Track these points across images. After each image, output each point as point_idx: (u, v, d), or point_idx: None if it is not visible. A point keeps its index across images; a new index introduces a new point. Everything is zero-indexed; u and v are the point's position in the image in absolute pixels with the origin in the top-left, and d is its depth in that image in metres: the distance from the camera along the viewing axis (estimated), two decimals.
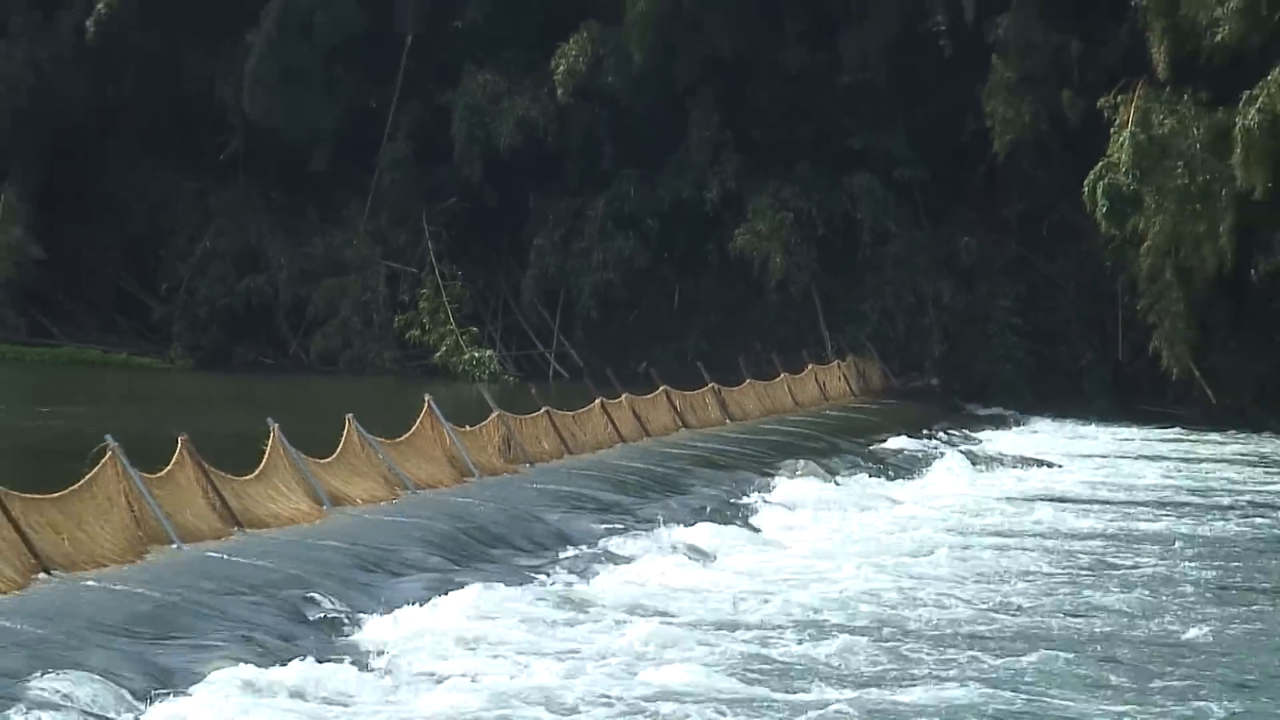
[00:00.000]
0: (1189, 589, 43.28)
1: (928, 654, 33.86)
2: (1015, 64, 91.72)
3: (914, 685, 31.14)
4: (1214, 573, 46.10)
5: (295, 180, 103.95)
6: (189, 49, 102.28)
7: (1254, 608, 41.12)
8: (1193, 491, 63.79)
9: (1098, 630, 37.60)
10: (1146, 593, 42.57)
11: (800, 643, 34.42)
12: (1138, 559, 47.95)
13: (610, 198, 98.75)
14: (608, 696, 29.77)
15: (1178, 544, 50.83)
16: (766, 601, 39.23)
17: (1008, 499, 60.06)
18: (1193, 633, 37.03)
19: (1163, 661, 34.11)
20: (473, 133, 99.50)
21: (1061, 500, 59.89)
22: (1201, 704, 30.55)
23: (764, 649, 33.83)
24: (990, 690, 30.63)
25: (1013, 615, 38.96)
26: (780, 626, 36.32)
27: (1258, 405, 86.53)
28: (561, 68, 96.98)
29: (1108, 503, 59.87)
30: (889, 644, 34.84)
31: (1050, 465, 69.67)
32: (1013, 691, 30.94)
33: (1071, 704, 30.25)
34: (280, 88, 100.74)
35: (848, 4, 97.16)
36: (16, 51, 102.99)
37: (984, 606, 39.82)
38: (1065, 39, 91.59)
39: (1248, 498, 62.89)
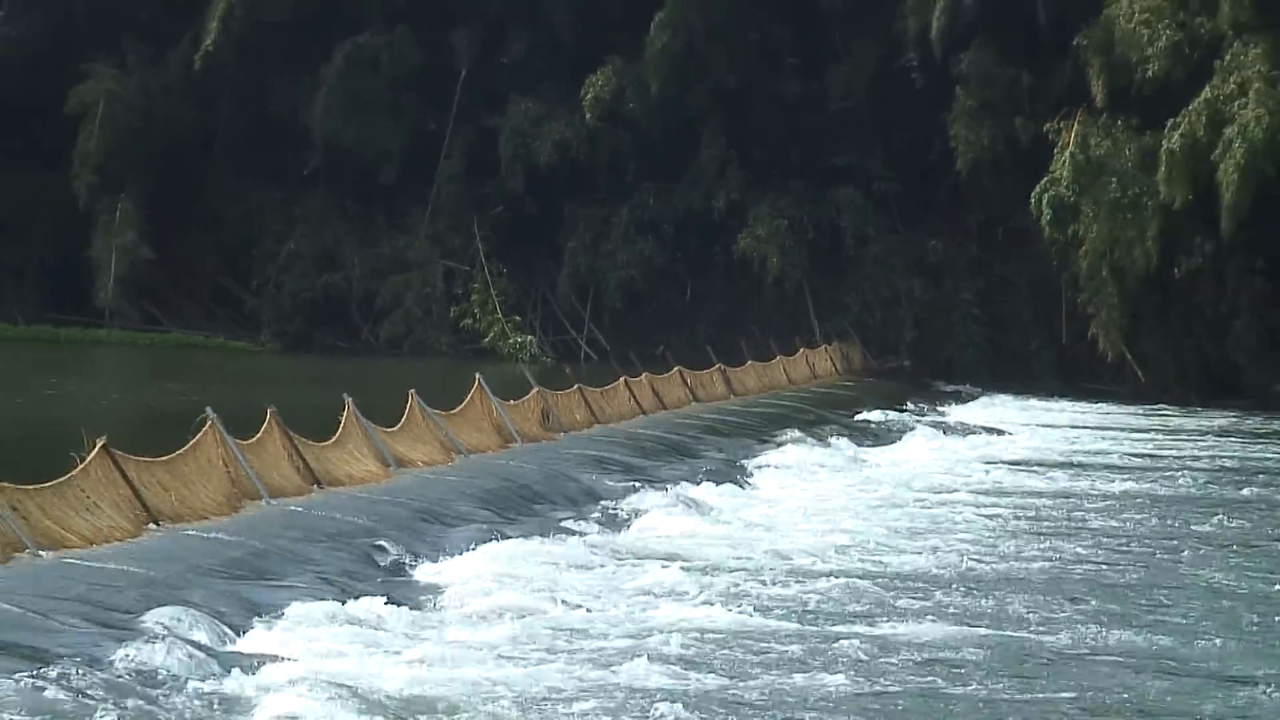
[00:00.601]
0: (1124, 537, 44.71)
1: (903, 592, 34.89)
2: (975, 95, 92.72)
3: (893, 619, 32.09)
4: (1153, 522, 47.42)
5: (366, 192, 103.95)
6: (276, 81, 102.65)
7: (1181, 553, 42.00)
8: (1126, 455, 65.09)
9: (1048, 570, 38.79)
10: (1087, 538, 44.03)
11: (792, 583, 35.38)
12: (1076, 512, 48.98)
13: (632, 207, 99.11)
14: (629, 627, 30.63)
15: (1110, 499, 51.98)
16: (762, 547, 40.22)
17: (968, 462, 61.21)
18: (1132, 576, 38.22)
19: (1104, 597, 35.19)
20: (516, 152, 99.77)
21: (1013, 463, 61.05)
22: (1134, 630, 31.71)
23: (762, 587, 34.74)
24: (955, 627, 31.40)
25: (974, 560, 39.83)
26: (774, 569, 37.09)
27: (1180, 384, 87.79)
28: (590, 96, 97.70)
29: (1053, 465, 60.81)
30: (869, 583, 35.85)
31: (1003, 433, 70.67)
32: (972, 626, 31.77)
33: (1026, 633, 31.27)
34: (352, 114, 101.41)
35: (834, 43, 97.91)
36: (132, 82, 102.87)
37: (948, 552, 40.71)
38: (1018, 73, 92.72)
39: (1174, 461, 63.86)
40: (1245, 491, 55.47)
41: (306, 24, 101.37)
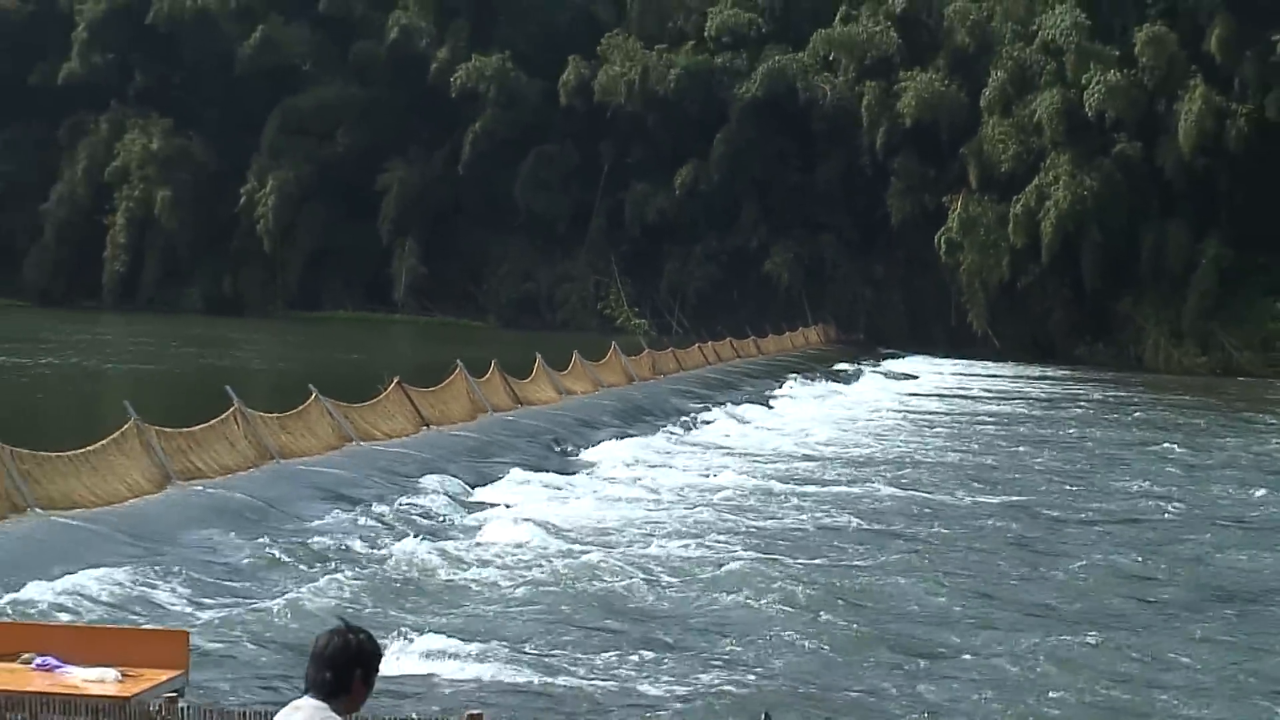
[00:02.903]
0: (986, 437, 46.57)
1: (866, 469, 36.60)
2: (903, 181, 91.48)
3: (862, 484, 33.85)
4: (1004, 428, 49.26)
5: (549, 236, 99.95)
6: (497, 170, 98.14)
7: (1020, 446, 43.87)
8: (988, 389, 65.69)
9: (941, 456, 40.64)
10: (965, 437, 46.05)
11: (793, 461, 37.70)
12: (958, 423, 50.52)
13: (703, 245, 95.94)
14: (698, 486, 32.35)
15: (978, 415, 53.92)
16: (777, 442, 42.33)
17: (896, 393, 62.16)
18: (990, 460, 39.98)
19: (975, 473, 36.86)
20: (635, 213, 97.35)
21: (922, 394, 62.13)
22: (994, 492, 33.48)
23: (780, 466, 36.62)
24: (888, 488, 33.11)
25: (897, 449, 41.79)
26: (788, 454, 39.33)
27: (1020, 350, 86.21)
28: (679, 180, 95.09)
29: (945, 395, 61.96)
30: (838, 462, 38.24)
31: (916, 377, 70.92)
32: (908, 488, 33.54)
33: (927, 494, 32.88)
34: (540, 190, 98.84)
35: (820, 151, 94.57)
36: (414, 171, 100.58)
37: (892, 445, 42.86)
38: (928, 169, 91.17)
39: (1016, 393, 65.30)
40: (1055, 411, 57.10)
41: (517, 138, 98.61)
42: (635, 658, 17.85)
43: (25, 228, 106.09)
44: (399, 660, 17.03)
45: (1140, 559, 26.07)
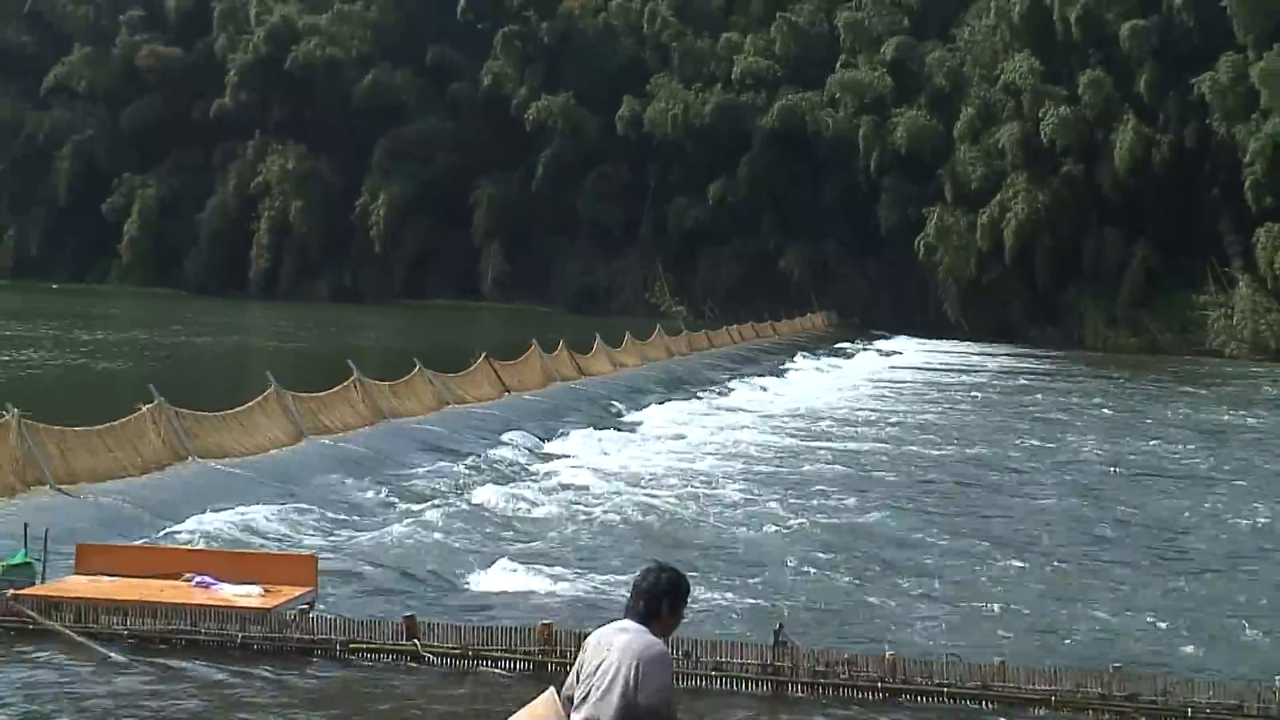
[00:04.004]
0: (955, 400, 46.00)
1: (866, 430, 35.86)
2: (892, 195, 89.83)
3: (855, 440, 33.42)
4: (970, 393, 48.80)
5: (606, 239, 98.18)
6: (569, 185, 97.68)
7: (987, 407, 43.86)
8: (959, 364, 64.61)
9: (920, 417, 39.97)
10: (939, 401, 45.45)
11: (801, 421, 37.18)
12: (933, 389, 50.03)
13: (730, 248, 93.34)
14: (725, 441, 31.96)
15: (951, 383, 53.21)
16: (786, 404, 42.01)
17: (886, 367, 61.08)
18: (958, 419, 39.71)
19: (947, 429, 36.45)
20: (677, 222, 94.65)
21: (906, 368, 60.86)
22: (963, 447, 33.07)
23: (801, 426, 36.01)
24: (875, 444, 32.76)
25: (886, 412, 41.04)
26: (803, 416, 38.71)
27: (986, 333, 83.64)
28: (711, 194, 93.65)
29: (924, 369, 60.64)
30: (845, 422, 37.60)
31: (901, 354, 69.63)
32: (892, 443, 33.23)
33: (934, 450, 32.36)
34: (597, 204, 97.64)
35: (823, 171, 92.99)
36: (500, 189, 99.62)
37: (875, 408, 42.12)
38: (911, 186, 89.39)
39: (981, 366, 64.53)
40: (1011, 381, 56.15)
41: (580, 161, 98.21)
42: None
43: (186, 233, 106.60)
44: (485, 579, 17.02)
45: (1076, 500, 25.89)
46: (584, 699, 6.98)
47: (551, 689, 7.21)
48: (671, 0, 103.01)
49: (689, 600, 7.21)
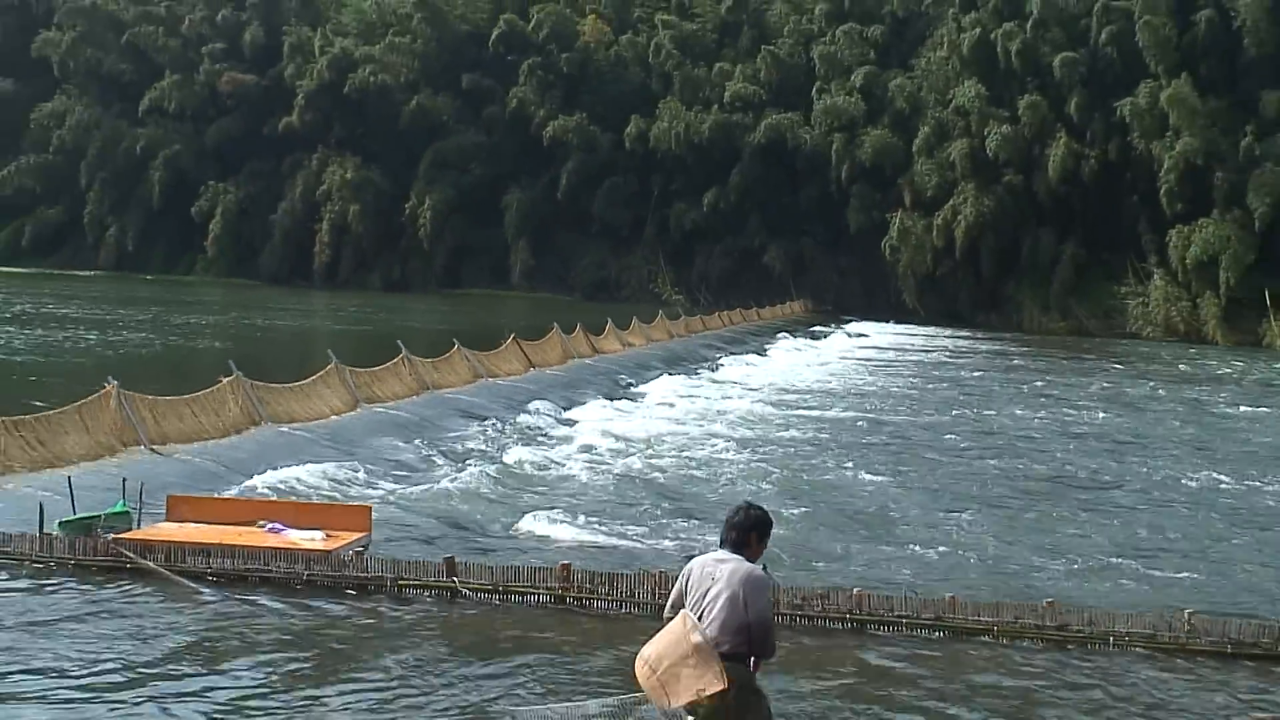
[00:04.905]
0: (915, 375, 45.19)
1: (837, 399, 35.42)
2: (860, 201, 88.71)
3: (830, 407, 33.10)
4: (926, 370, 47.79)
5: (616, 238, 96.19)
6: (585, 192, 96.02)
7: (945, 381, 43.04)
8: (917, 346, 62.73)
9: (886, 388, 39.62)
10: (902, 376, 44.50)
11: (784, 394, 36.33)
12: (895, 365, 49.22)
13: (722, 245, 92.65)
14: (717, 409, 31.34)
15: (911, 361, 52.13)
16: (771, 379, 40.99)
17: (855, 347, 59.88)
18: (915, 391, 39.00)
19: (912, 401, 36.06)
20: (676, 222, 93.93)
21: (873, 347, 59.69)
22: (917, 415, 32.49)
23: (781, 396, 35.47)
24: (848, 413, 32.06)
25: (855, 384, 40.68)
26: (783, 388, 38.05)
27: (939, 318, 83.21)
28: (706, 200, 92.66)
29: (888, 348, 59.36)
30: (813, 393, 36.92)
31: (868, 336, 68.35)
32: (860, 410, 32.80)
33: (895, 416, 32.09)
34: (609, 208, 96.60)
35: (802, 179, 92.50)
36: (527, 195, 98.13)
37: (850, 381, 41.57)
38: (876, 193, 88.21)
39: (935, 345, 62.75)
40: (960, 359, 55.39)
41: (595, 172, 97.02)
42: (674, 524, 17.66)
43: (261, 231, 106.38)
44: (515, 526, 16.83)
45: (1014, 460, 25.52)
46: (699, 618, 7.04)
47: (684, 611, 7.17)
48: (673, 35, 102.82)
49: (770, 533, 7.33)
